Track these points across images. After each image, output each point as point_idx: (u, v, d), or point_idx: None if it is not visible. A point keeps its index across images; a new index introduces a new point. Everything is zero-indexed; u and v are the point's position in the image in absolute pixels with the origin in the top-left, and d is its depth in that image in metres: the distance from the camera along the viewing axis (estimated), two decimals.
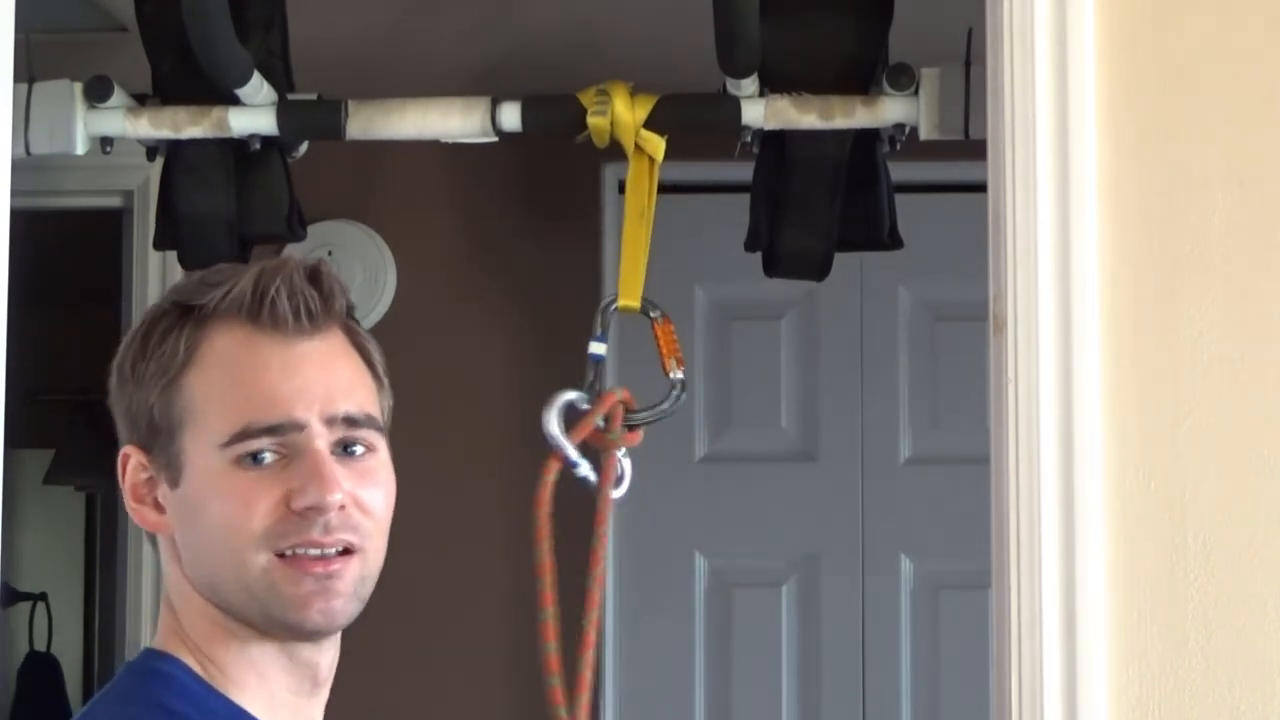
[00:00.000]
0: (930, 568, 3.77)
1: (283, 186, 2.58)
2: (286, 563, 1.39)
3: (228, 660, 1.42)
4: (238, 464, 1.39)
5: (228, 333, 1.41)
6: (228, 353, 1.41)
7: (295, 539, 1.39)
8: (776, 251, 2.50)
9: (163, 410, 1.41)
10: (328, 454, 1.40)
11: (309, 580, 1.40)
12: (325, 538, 1.40)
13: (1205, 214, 1.92)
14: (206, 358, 1.41)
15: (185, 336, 1.41)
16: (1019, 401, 1.92)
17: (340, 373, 1.44)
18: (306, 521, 1.39)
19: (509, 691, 3.68)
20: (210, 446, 1.39)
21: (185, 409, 1.40)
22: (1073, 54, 1.93)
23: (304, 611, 1.40)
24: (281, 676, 1.44)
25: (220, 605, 1.42)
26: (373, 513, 1.45)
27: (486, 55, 3.35)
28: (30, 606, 5.55)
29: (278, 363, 1.41)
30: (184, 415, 1.40)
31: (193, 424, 1.40)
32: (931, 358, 3.77)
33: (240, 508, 1.39)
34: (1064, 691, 1.89)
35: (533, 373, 3.72)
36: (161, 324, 1.43)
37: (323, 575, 1.40)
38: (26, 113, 2.44)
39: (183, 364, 1.41)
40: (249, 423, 1.39)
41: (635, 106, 2.40)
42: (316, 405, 1.41)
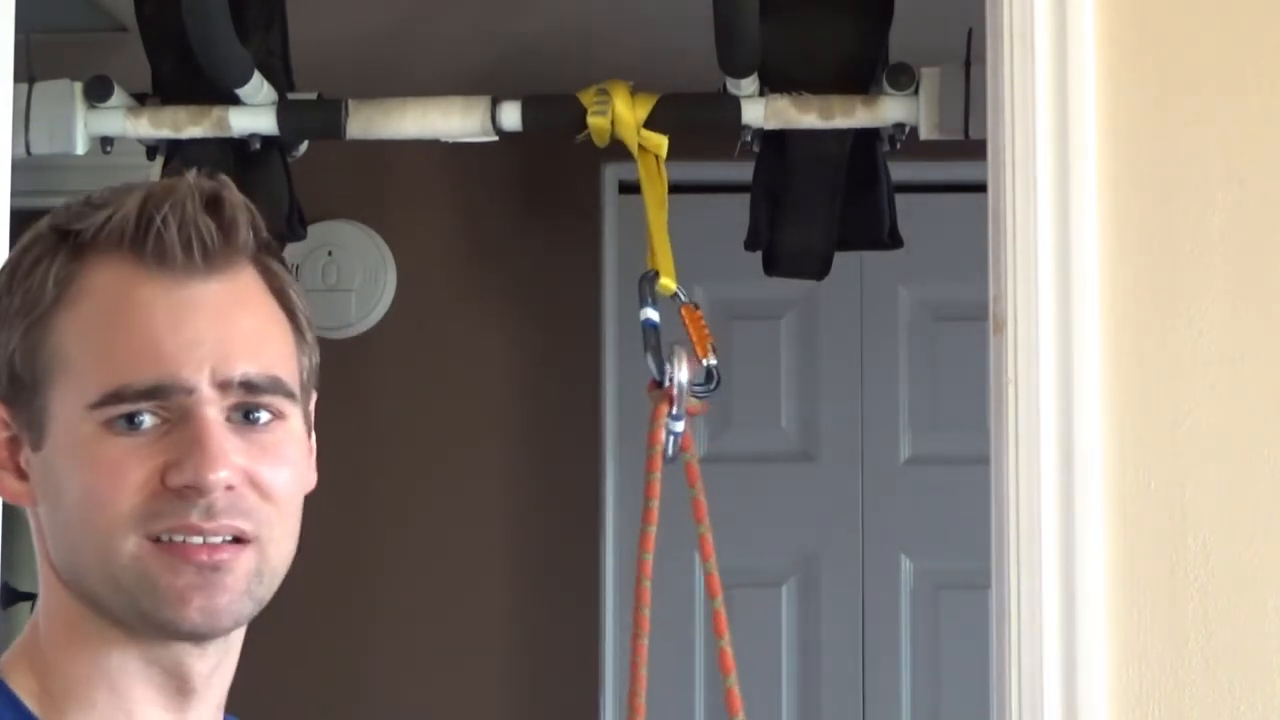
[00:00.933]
0: (930, 568, 3.77)
1: (283, 186, 2.58)
2: (162, 549, 1.15)
3: (76, 672, 1.19)
4: (108, 428, 1.15)
5: (108, 268, 1.17)
6: (106, 293, 1.16)
7: (170, 521, 1.15)
8: (776, 251, 2.50)
9: (25, 357, 1.17)
10: (218, 422, 1.15)
11: (189, 571, 1.15)
12: (207, 523, 1.15)
13: (1205, 214, 1.92)
14: (81, 297, 1.17)
15: (56, 269, 1.17)
16: (1019, 401, 1.92)
17: (243, 324, 1.18)
18: (185, 502, 1.15)
19: (509, 690, 3.69)
20: (77, 405, 1.15)
21: (52, 357, 1.16)
22: (1073, 54, 1.93)
23: (181, 608, 1.15)
24: (144, 690, 1.19)
25: (84, 596, 1.18)
26: (273, 495, 1.18)
27: (487, 55, 3.35)
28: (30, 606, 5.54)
29: (164, 309, 1.16)
30: (51, 365, 1.16)
31: (61, 376, 1.16)
32: (931, 358, 3.78)
33: (107, 480, 1.15)
34: (1064, 691, 1.89)
35: (533, 372, 3.73)
36: (32, 252, 1.19)
37: (207, 566, 1.15)
38: (26, 113, 2.44)
39: (52, 302, 1.16)
40: (125, 383, 1.14)
41: (635, 106, 2.40)
42: (208, 365, 1.15)
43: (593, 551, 3.69)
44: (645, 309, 2.34)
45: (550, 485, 3.70)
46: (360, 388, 3.57)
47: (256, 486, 1.17)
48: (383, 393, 3.63)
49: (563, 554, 3.70)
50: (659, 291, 2.38)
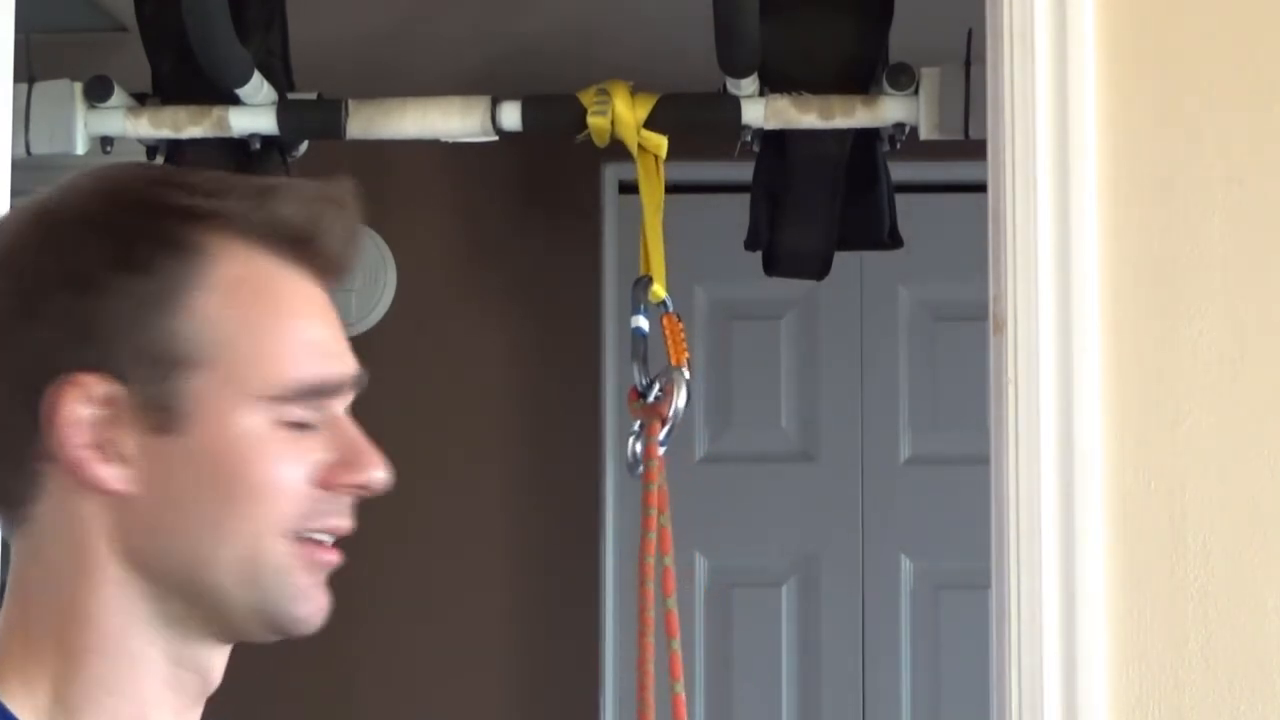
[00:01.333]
0: (930, 568, 3.77)
1: None
2: (304, 548, 1.13)
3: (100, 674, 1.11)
4: (280, 425, 1.11)
5: (247, 258, 1.12)
6: (254, 282, 1.12)
7: (323, 521, 1.13)
8: (776, 251, 2.50)
9: (167, 335, 1.09)
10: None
11: (318, 571, 1.14)
12: (345, 523, 1.14)
13: (1205, 214, 1.92)
14: (228, 281, 1.11)
15: (189, 248, 1.10)
16: (1019, 401, 1.92)
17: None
18: (339, 502, 1.13)
19: (508, 690, 3.69)
20: (246, 397, 1.10)
21: (204, 340, 1.09)
22: (1073, 54, 1.93)
23: (308, 606, 1.14)
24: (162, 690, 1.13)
25: (177, 596, 1.12)
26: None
27: (487, 55, 3.35)
28: None
29: (319, 307, 1.14)
30: (200, 349, 1.09)
31: (217, 362, 1.09)
32: (931, 358, 3.78)
33: (274, 476, 1.10)
34: (1064, 691, 1.89)
35: (532, 372, 3.73)
36: (149, 225, 1.11)
37: (328, 567, 1.15)
38: (26, 113, 2.44)
39: (197, 282, 1.09)
40: (323, 378, 1.12)
41: (635, 106, 2.40)
42: (353, 364, 1.15)
43: (593, 551, 3.69)
44: (636, 316, 2.36)
45: (550, 485, 3.70)
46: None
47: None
48: (382, 393, 3.61)
49: (563, 553, 3.70)
50: (655, 298, 2.38)
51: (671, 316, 2.36)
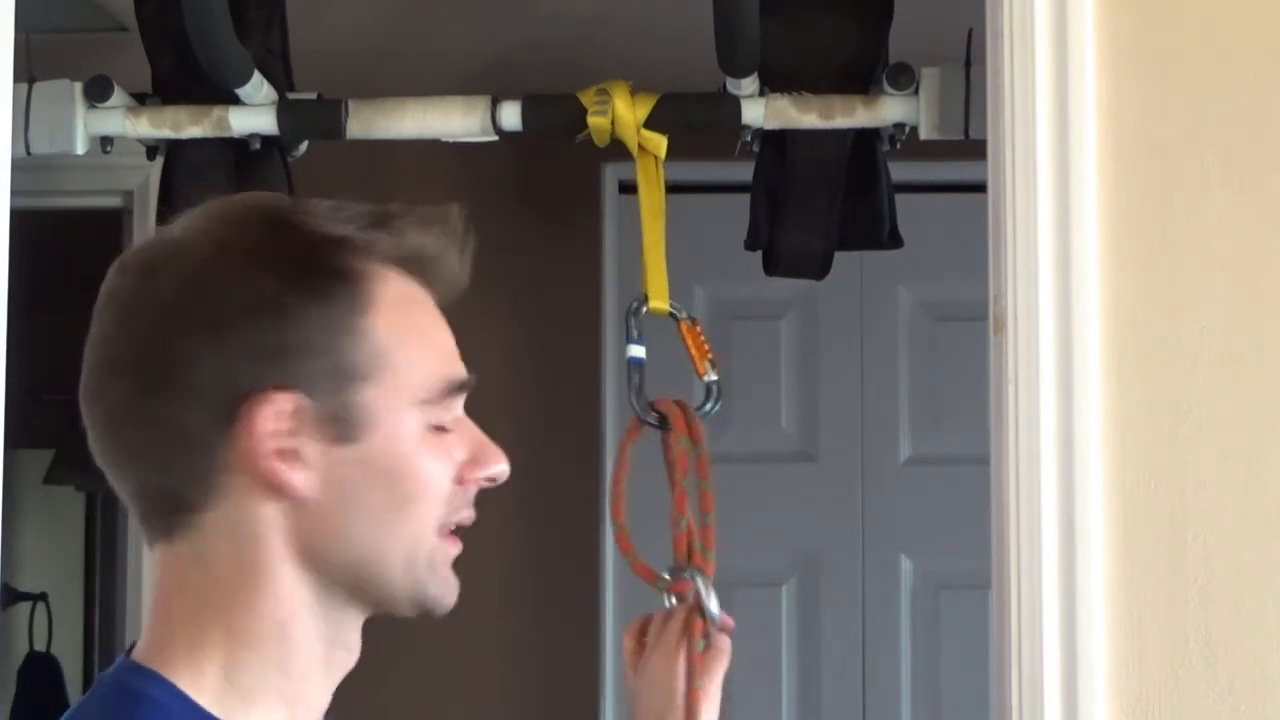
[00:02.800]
0: (930, 568, 3.77)
1: (283, 186, 2.58)
2: (447, 539, 1.28)
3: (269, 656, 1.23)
4: (430, 428, 1.25)
5: (395, 279, 1.26)
6: (404, 299, 1.27)
7: (463, 514, 1.29)
8: (776, 250, 2.50)
9: (345, 353, 1.22)
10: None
11: (455, 558, 1.29)
12: (473, 514, 1.30)
13: (1205, 214, 1.92)
14: (386, 301, 1.25)
15: (356, 275, 1.23)
16: (1019, 401, 1.92)
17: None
18: (470, 495, 1.29)
19: (509, 690, 3.69)
20: (410, 404, 1.24)
21: (374, 355, 1.23)
22: (1073, 54, 1.93)
23: (450, 590, 1.29)
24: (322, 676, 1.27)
25: (343, 586, 1.24)
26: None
27: (486, 54, 3.35)
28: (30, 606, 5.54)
29: (441, 318, 1.32)
30: (372, 362, 1.22)
31: (385, 374, 1.23)
32: (931, 358, 3.78)
33: (431, 475, 1.25)
34: (1064, 691, 1.89)
35: (533, 372, 3.73)
36: (324, 258, 1.23)
37: (457, 553, 1.29)
38: (26, 113, 2.44)
39: (365, 304, 1.23)
40: (453, 376, 1.27)
41: (635, 106, 2.40)
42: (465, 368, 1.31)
43: (593, 550, 3.69)
44: (631, 345, 2.25)
45: (550, 486, 3.70)
46: None
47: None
48: None
49: (563, 553, 3.70)
50: (652, 312, 2.30)
51: (687, 323, 2.27)
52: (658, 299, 2.28)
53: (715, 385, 2.21)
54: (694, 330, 2.26)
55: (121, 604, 3.54)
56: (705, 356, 2.23)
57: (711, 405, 2.18)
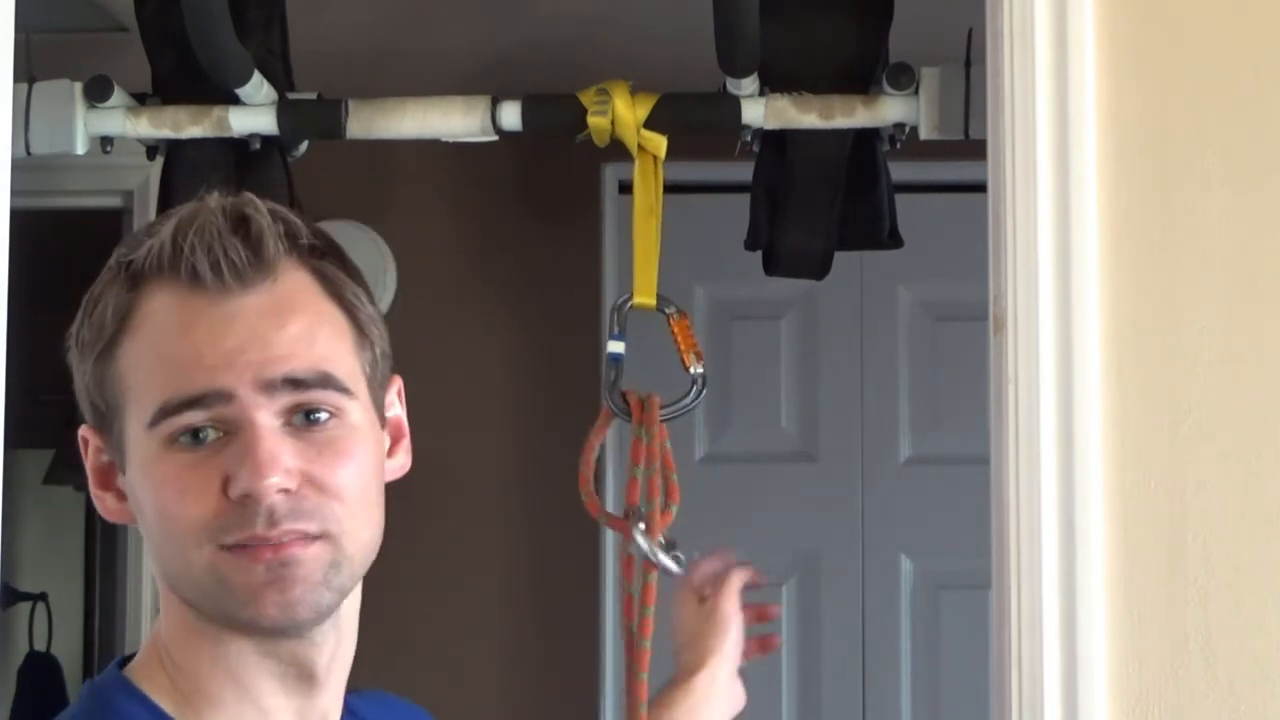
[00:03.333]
0: (930, 568, 3.77)
1: (283, 186, 2.58)
2: (232, 553, 1.19)
3: (202, 671, 1.25)
4: (170, 445, 1.20)
5: (157, 294, 1.22)
6: (156, 319, 1.22)
7: (237, 534, 1.19)
8: (776, 250, 2.50)
9: (98, 386, 1.23)
10: (269, 428, 1.19)
11: (260, 570, 1.19)
12: (270, 531, 1.19)
13: (1205, 214, 1.92)
14: (138, 324, 1.22)
15: (116, 300, 1.23)
16: (1019, 401, 1.92)
17: (287, 328, 1.22)
18: (247, 511, 1.19)
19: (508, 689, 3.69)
20: (141, 427, 1.21)
21: (119, 384, 1.22)
22: (1073, 54, 1.93)
23: (258, 606, 1.20)
24: (267, 681, 1.25)
25: (185, 601, 1.24)
26: (336, 491, 1.22)
27: (486, 54, 3.35)
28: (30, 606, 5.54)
29: (204, 326, 1.20)
30: (119, 392, 1.22)
31: (128, 401, 1.22)
32: (931, 358, 3.78)
33: (174, 497, 1.19)
34: (1064, 691, 1.89)
35: (533, 372, 3.73)
36: (99, 284, 1.25)
37: (275, 563, 1.19)
38: (26, 113, 2.44)
39: (114, 332, 1.22)
40: (169, 397, 1.19)
41: (635, 106, 2.40)
42: (249, 371, 1.19)
43: (593, 550, 3.69)
44: (611, 341, 2.26)
45: (550, 486, 3.70)
46: None
47: (318, 486, 1.21)
48: None
49: (563, 553, 3.70)
50: (638, 308, 2.32)
51: (675, 316, 2.29)
52: (643, 295, 2.30)
53: (701, 378, 2.24)
54: (682, 323, 2.28)
55: (121, 604, 3.54)
56: (692, 349, 2.26)
57: (694, 398, 2.22)
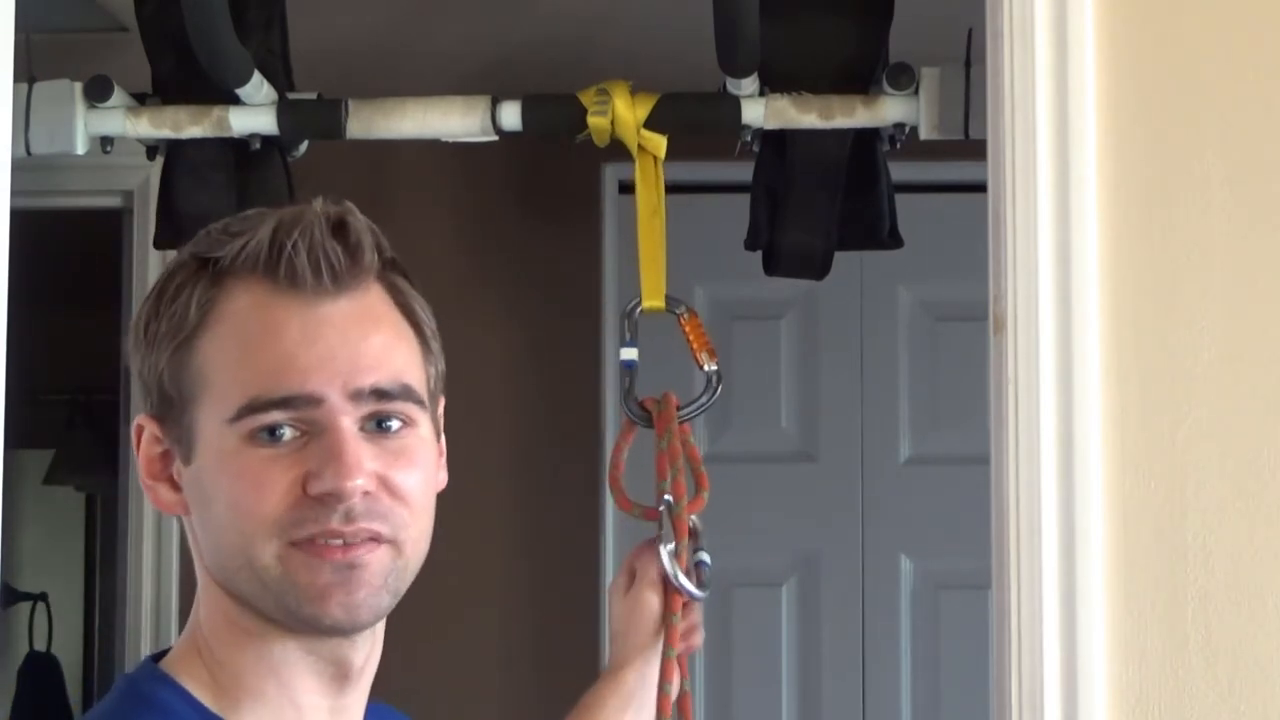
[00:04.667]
0: (930, 568, 3.77)
1: (283, 186, 2.58)
2: (302, 550, 1.24)
3: (244, 666, 1.27)
4: (250, 440, 1.23)
5: (245, 291, 1.26)
6: (243, 314, 1.25)
7: (312, 528, 1.23)
8: (776, 250, 2.50)
9: (173, 377, 1.25)
10: (352, 432, 1.24)
11: (327, 570, 1.24)
12: (346, 527, 1.24)
13: (1205, 214, 1.92)
14: (221, 319, 1.25)
15: (199, 294, 1.25)
16: (1019, 401, 1.92)
17: (373, 339, 1.27)
18: (325, 508, 1.23)
19: (508, 689, 3.68)
20: (220, 420, 1.24)
21: (197, 377, 1.25)
22: (1073, 54, 1.93)
23: (323, 604, 1.24)
24: (306, 679, 1.29)
25: (236, 597, 1.26)
26: (406, 498, 1.28)
27: (487, 54, 3.35)
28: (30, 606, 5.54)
29: (297, 327, 1.25)
30: (196, 384, 1.25)
31: (205, 394, 1.24)
32: (931, 358, 3.78)
33: (251, 490, 1.23)
34: (1064, 691, 1.89)
35: (533, 372, 3.73)
36: (177, 278, 1.27)
37: (344, 564, 1.24)
38: (26, 113, 2.44)
39: (195, 326, 1.25)
40: (257, 394, 1.22)
41: (636, 106, 2.40)
42: (339, 378, 1.24)
43: (593, 549, 3.69)
44: (624, 348, 2.26)
45: (550, 486, 3.70)
46: None
47: (391, 490, 1.26)
48: None
49: (563, 552, 3.70)
50: (648, 311, 2.31)
51: (685, 316, 2.28)
52: (652, 298, 2.30)
53: (715, 375, 2.23)
54: (694, 321, 2.27)
55: (121, 604, 3.54)
56: (705, 347, 2.25)
57: (710, 396, 2.21)
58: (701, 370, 2.24)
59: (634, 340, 2.24)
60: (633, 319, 2.27)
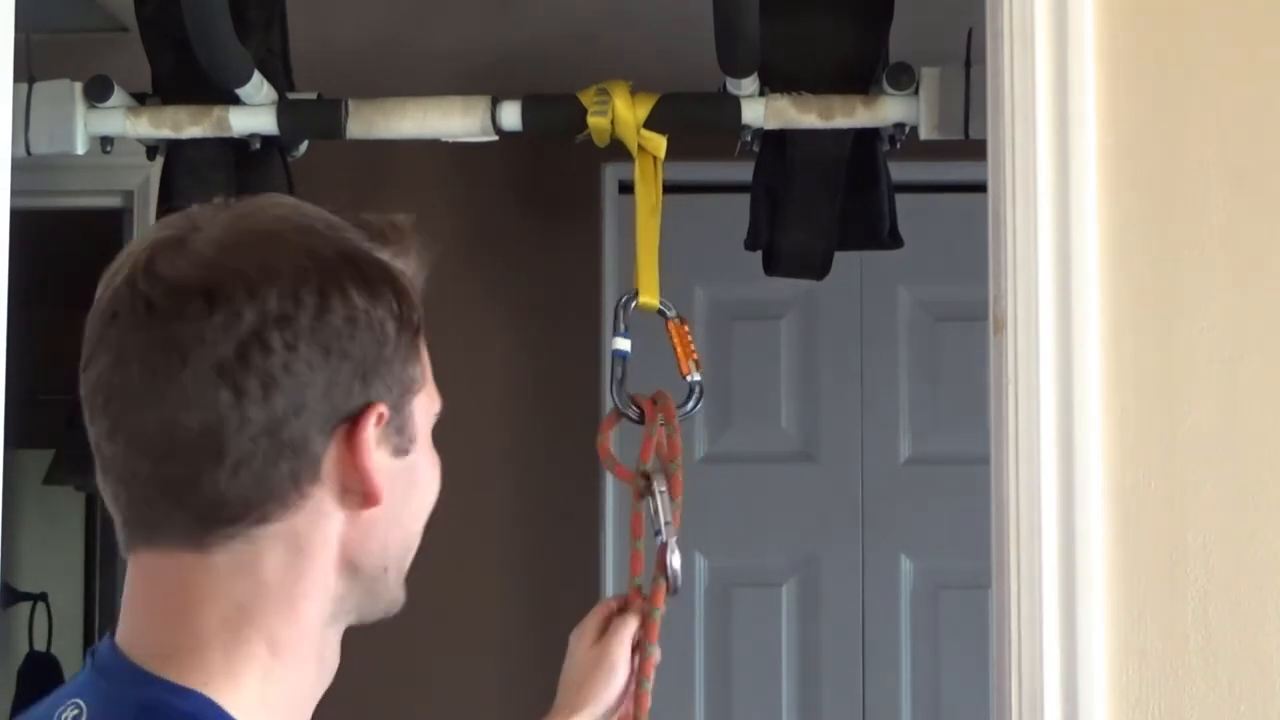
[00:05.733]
0: (930, 568, 3.77)
1: (283, 186, 2.58)
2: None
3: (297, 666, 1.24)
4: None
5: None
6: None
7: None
8: (777, 250, 2.50)
9: (411, 367, 1.27)
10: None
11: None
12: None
13: (1205, 214, 1.92)
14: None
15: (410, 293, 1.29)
16: (1019, 401, 1.92)
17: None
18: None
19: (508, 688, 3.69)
20: (430, 416, 1.32)
21: (420, 371, 1.29)
22: (1073, 54, 1.93)
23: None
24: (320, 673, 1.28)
25: (359, 592, 1.25)
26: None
27: (487, 54, 3.35)
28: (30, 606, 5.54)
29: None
30: (417, 378, 1.28)
31: (422, 387, 1.29)
32: (931, 358, 3.78)
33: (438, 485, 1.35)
34: (1064, 691, 1.89)
35: (533, 372, 3.73)
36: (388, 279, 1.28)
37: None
38: (26, 113, 2.44)
39: (420, 323, 1.29)
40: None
41: (636, 106, 2.40)
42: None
43: (593, 548, 3.69)
44: (616, 338, 2.27)
45: (551, 484, 3.70)
46: None
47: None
48: None
49: (563, 551, 3.71)
50: (642, 308, 2.32)
51: (675, 322, 2.29)
52: (648, 295, 2.30)
53: (698, 385, 2.24)
54: (681, 329, 2.27)
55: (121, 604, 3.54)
56: (690, 356, 2.25)
57: (693, 405, 2.21)
58: (684, 379, 2.24)
59: (626, 331, 2.25)
60: (627, 310, 2.28)
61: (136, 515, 1.22)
